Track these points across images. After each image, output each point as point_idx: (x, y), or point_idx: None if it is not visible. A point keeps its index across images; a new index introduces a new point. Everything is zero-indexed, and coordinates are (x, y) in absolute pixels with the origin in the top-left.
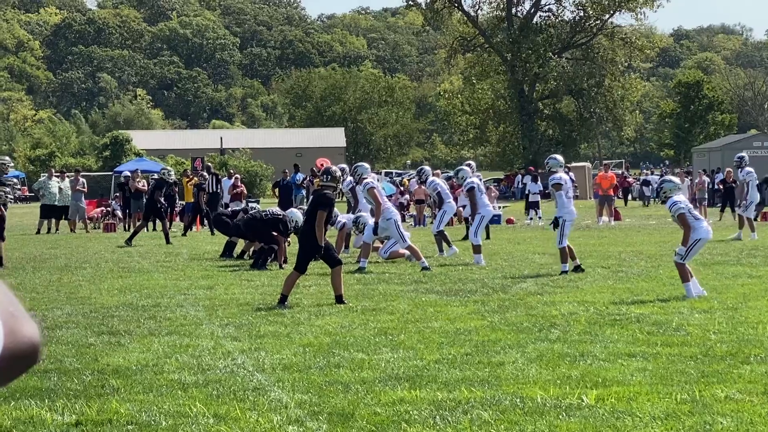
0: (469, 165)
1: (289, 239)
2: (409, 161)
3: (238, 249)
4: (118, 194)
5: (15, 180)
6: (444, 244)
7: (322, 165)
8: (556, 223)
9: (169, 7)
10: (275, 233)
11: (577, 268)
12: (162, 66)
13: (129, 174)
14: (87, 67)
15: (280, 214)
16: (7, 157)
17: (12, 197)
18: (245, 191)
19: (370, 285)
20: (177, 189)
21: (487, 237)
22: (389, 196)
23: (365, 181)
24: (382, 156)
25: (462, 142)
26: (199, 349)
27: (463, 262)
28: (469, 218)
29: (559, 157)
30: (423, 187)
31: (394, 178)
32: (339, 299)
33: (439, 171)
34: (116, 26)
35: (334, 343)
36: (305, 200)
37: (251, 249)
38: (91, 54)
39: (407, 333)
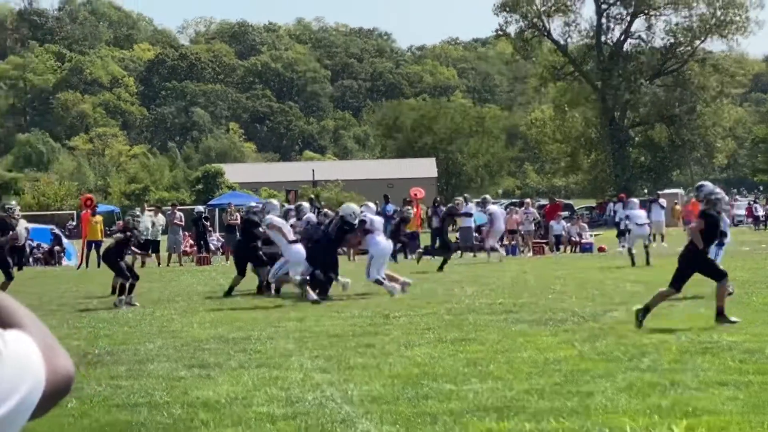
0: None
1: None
2: (500, 190)
3: None
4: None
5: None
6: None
7: (415, 195)
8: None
9: (261, 41)
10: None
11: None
12: (254, 100)
13: (201, 210)
14: (180, 101)
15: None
16: (137, 210)
17: (141, 239)
18: None
19: (460, 315)
20: None
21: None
22: (480, 226)
23: (267, 217)
24: (473, 186)
25: (553, 170)
26: (288, 382)
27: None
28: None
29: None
30: (516, 216)
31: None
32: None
33: (529, 200)
34: (209, 61)
35: (423, 374)
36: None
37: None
38: (184, 89)
39: (496, 363)
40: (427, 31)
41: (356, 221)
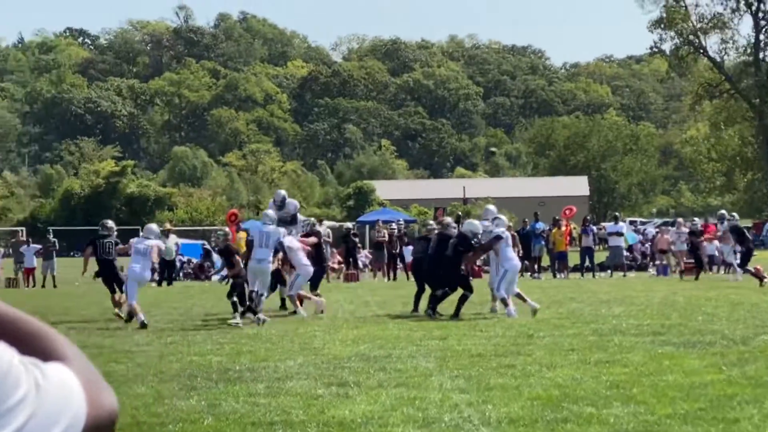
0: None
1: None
2: (654, 209)
3: None
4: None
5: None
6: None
7: (565, 213)
8: None
9: (413, 59)
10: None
11: None
12: (406, 117)
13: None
14: (333, 118)
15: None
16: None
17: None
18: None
19: (605, 336)
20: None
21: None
22: (631, 246)
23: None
24: (627, 204)
25: (708, 189)
26: (426, 402)
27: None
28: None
29: None
30: (666, 236)
31: (639, 227)
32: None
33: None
34: (361, 78)
35: (564, 396)
36: (544, 249)
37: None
38: (336, 106)
39: (640, 386)
40: (581, 48)
41: (473, 241)
